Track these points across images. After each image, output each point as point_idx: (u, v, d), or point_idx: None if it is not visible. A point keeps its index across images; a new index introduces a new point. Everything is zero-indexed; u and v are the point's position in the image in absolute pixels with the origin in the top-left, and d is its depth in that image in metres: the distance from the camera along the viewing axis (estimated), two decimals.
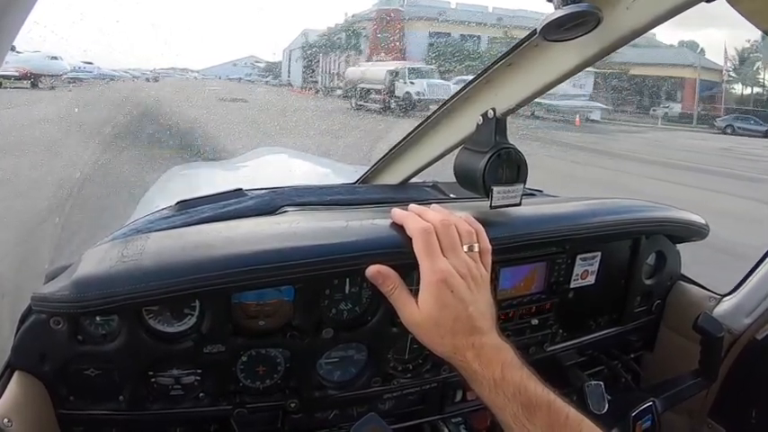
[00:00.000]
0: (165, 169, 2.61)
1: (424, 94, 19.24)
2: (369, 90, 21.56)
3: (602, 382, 0.98)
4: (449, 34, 31.93)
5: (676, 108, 28.88)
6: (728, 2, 0.59)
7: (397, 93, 20.29)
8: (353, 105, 21.56)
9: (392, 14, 32.03)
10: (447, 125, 0.99)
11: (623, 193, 1.24)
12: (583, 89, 25.00)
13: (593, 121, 22.63)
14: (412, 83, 19.87)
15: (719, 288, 1.17)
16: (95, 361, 0.77)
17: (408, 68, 20.99)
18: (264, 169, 2.56)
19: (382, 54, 29.38)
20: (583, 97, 24.53)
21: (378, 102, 20.56)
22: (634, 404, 0.96)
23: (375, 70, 22.70)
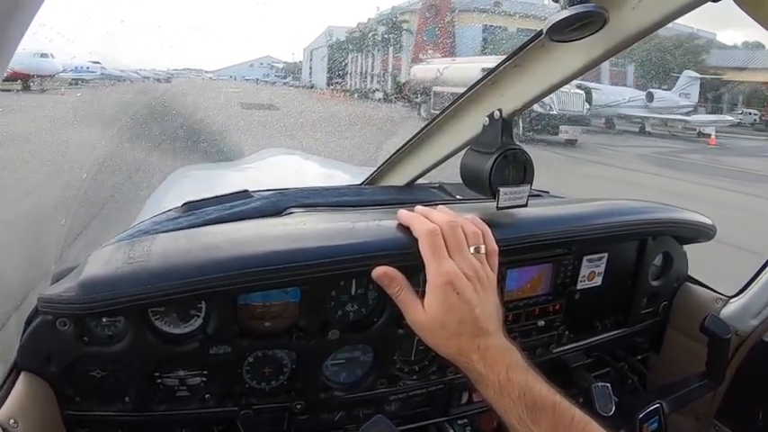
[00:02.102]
0: (171, 170, 2.61)
1: (551, 108, 14.27)
2: (451, 96, 18.06)
3: (608, 384, 0.97)
4: (505, 28, 29.39)
5: (747, 114, 26.71)
6: (735, 1, 0.59)
7: None
8: (424, 116, 16.50)
9: (440, 6, 29.65)
10: (453, 126, 0.99)
11: None
12: (688, 98, 23.56)
13: (708, 135, 20.44)
14: None
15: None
16: (101, 362, 0.77)
17: None
18: (270, 170, 2.56)
19: (430, 51, 27.10)
20: (688, 107, 23.12)
21: None
22: (641, 406, 0.95)
23: (457, 68, 17.02)
